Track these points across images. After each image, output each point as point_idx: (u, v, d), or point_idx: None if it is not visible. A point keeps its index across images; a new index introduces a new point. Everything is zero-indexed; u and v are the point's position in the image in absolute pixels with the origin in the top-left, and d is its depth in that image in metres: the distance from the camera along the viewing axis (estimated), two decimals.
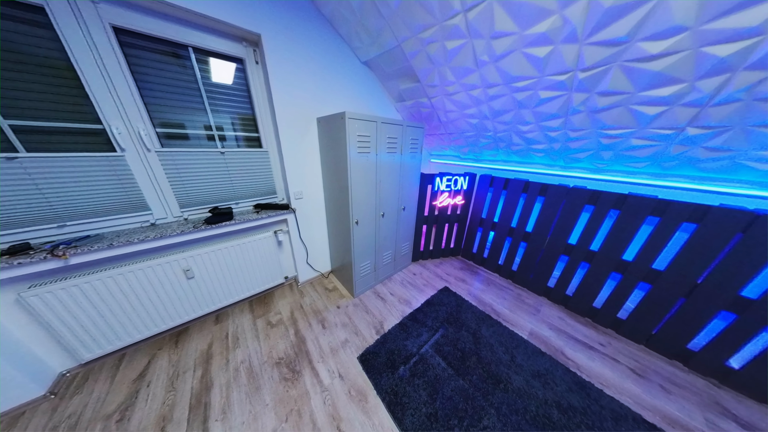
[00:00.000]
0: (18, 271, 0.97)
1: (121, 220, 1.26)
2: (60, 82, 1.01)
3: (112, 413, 1.11)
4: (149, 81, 1.20)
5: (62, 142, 1.07)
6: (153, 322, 1.37)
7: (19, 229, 1.04)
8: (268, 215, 1.65)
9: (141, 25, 1.11)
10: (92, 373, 1.29)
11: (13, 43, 0.93)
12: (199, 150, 1.42)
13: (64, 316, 1.10)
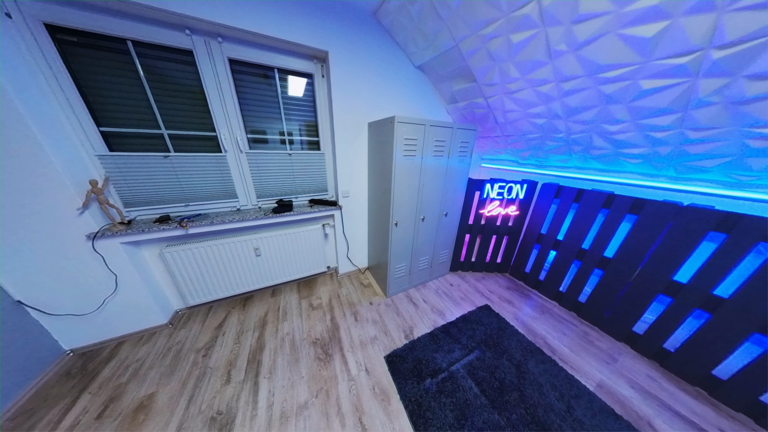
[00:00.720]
0: (161, 234, 1.36)
1: (218, 204, 1.62)
2: (195, 103, 1.37)
3: (200, 349, 1.42)
4: (246, 97, 1.49)
5: (193, 145, 1.47)
6: (231, 286, 1.74)
7: (163, 205, 1.46)
8: (319, 210, 1.82)
9: (246, 55, 1.41)
10: (192, 315, 1.68)
11: (171, 77, 1.32)
12: (274, 152, 1.72)
13: (182, 269, 1.50)
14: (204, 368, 1.32)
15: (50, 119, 1.13)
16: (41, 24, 1.03)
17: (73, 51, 1.11)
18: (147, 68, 1.27)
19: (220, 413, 1.11)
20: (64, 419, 1.06)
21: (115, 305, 1.40)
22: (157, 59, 1.26)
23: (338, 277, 2.19)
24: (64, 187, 1.16)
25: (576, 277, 1.74)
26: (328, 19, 1.42)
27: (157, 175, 1.39)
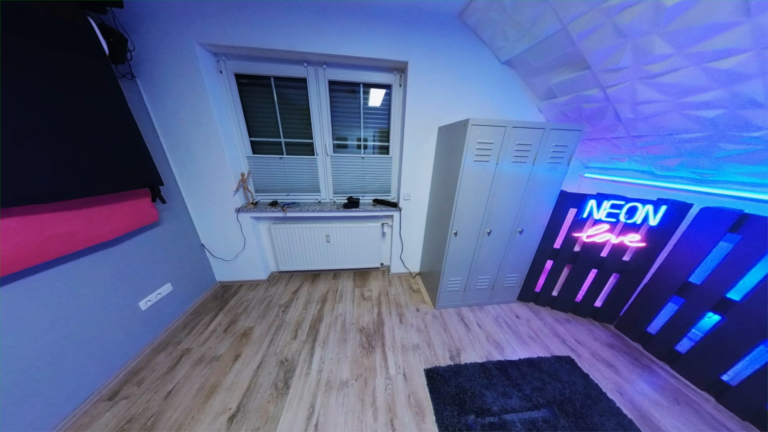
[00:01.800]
0: (271, 214, 1.87)
1: (307, 196, 2.00)
2: (302, 117, 1.76)
3: (282, 305, 1.78)
4: (336, 110, 1.78)
5: (297, 150, 1.92)
6: (307, 262, 2.15)
7: (275, 193, 1.96)
8: (381, 209, 1.90)
9: (341, 76, 1.68)
10: (280, 278, 2.13)
11: (291, 99, 1.80)
12: (351, 155, 1.96)
13: (279, 242, 1.98)
14: (282, 321, 1.64)
15: (228, 132, 1.72)
16: (233, 74, 1.56)
17: (244, 88, 1.66)
18: (279, 95, 1.73)
19: (286, 360, 1.34)
20: (210, 324, 1.60)
21: (241, 258, 2.00)
22: (285, 88, 1.70)
23: (389, 276, 2.21)
24: (228, 177, 1.73)
25: (764, 370, 1.01)
26: (411, 30, 1.44)
27: (274, 171, 1.86)
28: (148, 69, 1.36)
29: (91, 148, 1.01)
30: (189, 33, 1.32)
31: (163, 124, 1.53)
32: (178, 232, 1.66)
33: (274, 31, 1.36)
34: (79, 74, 0.97)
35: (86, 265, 1.11)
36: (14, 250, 0.83)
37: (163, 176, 1.44)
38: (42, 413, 0.95)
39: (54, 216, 0.93)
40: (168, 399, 1.14)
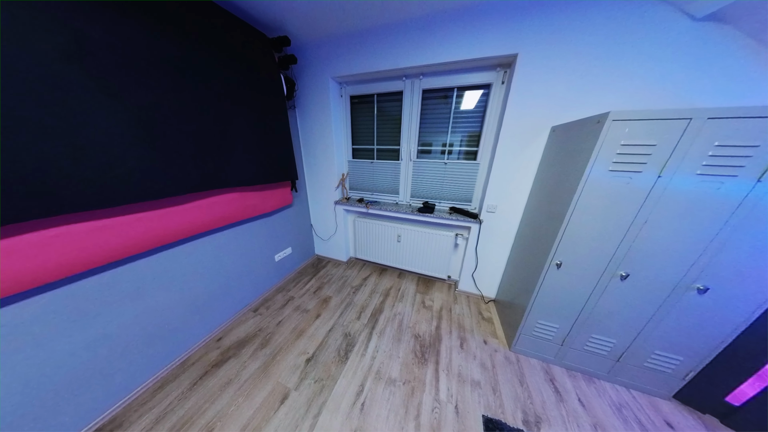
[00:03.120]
0: (357, 208, 2.16)
1: (386, 196, 2.16)
2: (394, 126, 1.92)
3: (353, 287, 2.04)
4: (426, 116, 1.80)
5: (385, 155, 2.10)
6: (378, 256, 2.35)
7: (362, 191, 2.28)
8: (457, 219, 1.72)
9: (435, 83, 1.71)
10: (355, 264, 2.44)
11: (386, 111, 1.99)
12: (434, 161, 1.92)
13: (359, 233, 2.31)
14: (350, 300, 1.86)
15: (339, 142, 2.18)
16: (349, 96, 1.93)
17: (354, 106, 2.04)
18: (379, 109, 1.99)
19: (349, 335, 1.51)
20: (306, 284, 2.13)
21: (332, 240, 2.53)
22: (384, 102, 1.93)
23: (455, 291, 1.98)
24: (334, 176, 2.18)
25: None
26: (526, 17, 1.21)
27: (365, 173, 2.16)
28: (301, 101, 1.95)
29: (270, 154, 1.60)
30: (326, 70, 1.76)
31: (304, 137, 2.15)
32: (299, 213, 2.28)
33: (383, 56, 1.56)
34: (271, 109, 1.55)
35: (255, 226, 1.75)
36: (232, 213, 1.45)
37: (298, 173, 2.02)
38: (231, 305, 1.72)
39: (251, 193, 1.55)
40: (278, 326, 1.59)
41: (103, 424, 1.00)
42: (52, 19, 0.71)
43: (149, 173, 0.93)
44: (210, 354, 1.38)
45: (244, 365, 1.32)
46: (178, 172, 1.02)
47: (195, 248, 1.32)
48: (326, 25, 1.50)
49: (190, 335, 1.38)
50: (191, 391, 1.18)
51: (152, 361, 1.20)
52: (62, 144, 0.76)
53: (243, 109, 1.32)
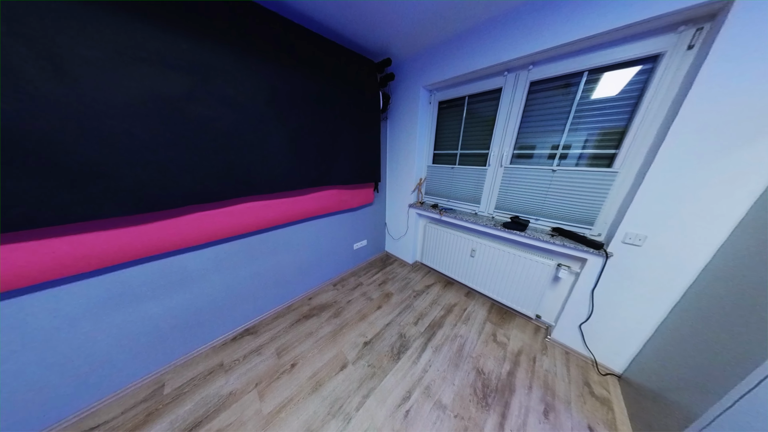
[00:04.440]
0: (429, 214, 2.13)
1: (464, 205, 1.94)
2: (484, 128, 1.69)
3: (414, 291, 2.05)
4: (531, 113, 1.48)
5: (468, 160, 1.92)
6: (445, 266, 2.18)
7: (437, 197, 2.21)
8: (564, 244, 1.26)
9: (551, 71, 1.35)
10: (420, 268, 2.42)
11: (477, 112, 1.80)
12: (533, 167, 1.52)
13: (428, 239, 2.26)
14: (410, 303, 1.85)
15: (421, 147, 2.21)
16: (437, 102, 1.92)
17: (441, 111, 2.00)
18: (468, 111, 1.82)
19: (404, 336, 1.51)
20: (374, 276, 2.38)
21: (402, 241, 2.62)
22: (475, 103, 1.76)
23: (546, 339, 1.47)
24: (412, 180, 2.24)
25: None
26: None
27: (443, 178, 2.07)
28: (392, 112, 2.15)
29: (363, 160, 1.89)
30: (419, 81, 1.83)
31: (390, 144, 2.35)
32: (377, 211, 2.54)
33: (483, 53, 1.43)
34: (368, 122, 1.83)
35: (343, 218, 2.12)
36: (330, 205, 1.86)
37: (381, 176, 2.26)
38: (319, 275, 2.17)
39: (345, 191, 1.92)
40: (347, 304, 1.85)
41: (246, 328, 1.55)
42: (263, 79, 1.18)
43: (292, 172, 1.36)
44: (303, 307, 1.83)
45: (321, 325, 1.63)
46: (305, 172, 1.43)
47: (304, 228, 1.79)
48: (425, 39, 1.55)
49: (295, 289, 1.88)
50: (290, 328, 1.62)
51: (274, 298, 1.74)
52: (258, 153, 1.26)
53: (349, 125, 1.63)
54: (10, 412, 0.87)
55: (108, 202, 0.82)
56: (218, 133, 1.04)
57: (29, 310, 0.85)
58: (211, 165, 1.05)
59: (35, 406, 0.94)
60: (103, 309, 1.00)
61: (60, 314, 0.91)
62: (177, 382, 1.22)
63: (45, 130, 0.69)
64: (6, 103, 0.63)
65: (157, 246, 1.02)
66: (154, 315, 1.16)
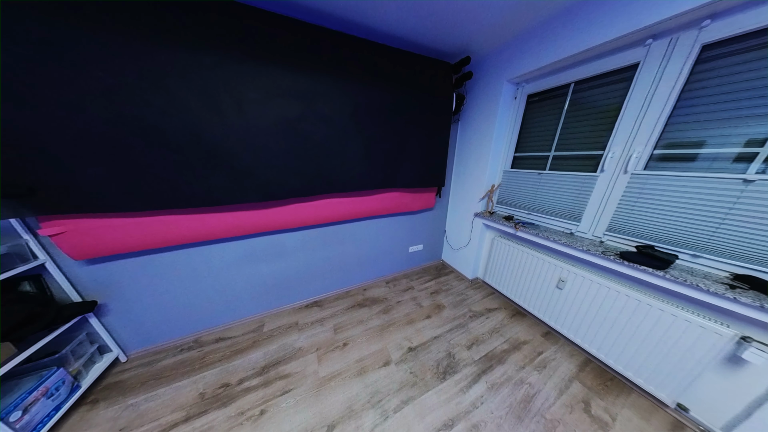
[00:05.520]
0: (501, 227, 1.82)
1: (554, 221, 1.51)
2: (597, 122, 1.25)
3: (471, 311, 1.85)
4: (697, 95, 0.96)
5: (567, 165, 1.49)
6: (516, 292, 1.81)
7: (514, 208, 1.83)
8: (753, 300, 0.73)
9: (742, 25, 0.81)
10: (480, 287, 2.13)
11: (589, 102, 1.33)
12: (697, 175, 0.97)
13: (496, 255, 1.94)
14: (465, 323, 1.65)
15: (497, 150, 1.91)
16: (526, 96, 1.61)
17: (530, 107, 1.66)
18: (573, 102, 1.40)
19: (453, 357, 1.37)
20: (426, 282, 2.29)
21: (461, 252, 2.37)
22: (585, 90, 1.33)
23: None
24: (481, 186, 1.99)
25: None
26: None
27: (524, 186, 1.72)
28: (466, 114, 2.00)
29: (428, 164, 1.86)
30: (502, 74, 1.60)
31: (459, 147, 2.20)
32: (437, 217, 2.43)
33: (604, 23, 1.09)
34: (438, 126, 1.78)
35: (402, 220, 2.17)
36: (392, 206, 1.95)
37: (445, 181, 2.12)
38: (375, 270, 2.33)
39: (407, 194, 1.96)
40: (397, 304, 1.89)
41: (315, 300, 1.85)
42: (349, 96, 1.32)
43: (363, 175, 1.49)
44: (358, 296, 2.01)
45: (371, 317, 1.74)
46: (374, 175, 1.54)
47: (367, 225, 1.97)
48: (514, 26, 1.35)
49: (354, 277, 2.10)
50: (346, 311, 1.82)
51: (337, 282, 2.00)
52: (340, 159, 1.49)
53: (418, 130, 1.65)
54: (188, 317, 1.49)
55: (252, 192, 1.20)
56: (315, 144, 1.30)
57: (210, 254, 1.38)
58: (307, 168, 1.33)
59: (204, 314, 1.57)
60: (241, 262, 1.49)
61: (223, 260, 1.43)
62: (270, 325, 1.64)
63: (228, 146, 1.08)
64: (213, 131, 1.03)
65: (270, 225, 1.41)
66: (264, 273, 1.60)
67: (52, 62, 0.76)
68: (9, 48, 0.75)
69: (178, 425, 1.03)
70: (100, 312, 1.22)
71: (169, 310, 1.39)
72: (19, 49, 0.75)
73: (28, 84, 0.75)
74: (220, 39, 0.94)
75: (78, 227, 1.00)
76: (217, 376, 1.29)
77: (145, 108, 0.90)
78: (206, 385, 1.25)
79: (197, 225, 1.27)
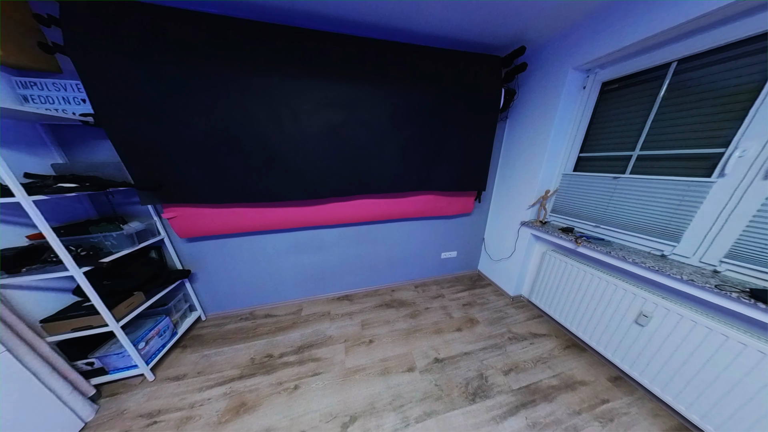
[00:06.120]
0: (556, 240, 1.53)
1: (637, 238, 1.19)
2: (715, 111, 0.91)
3: (511, 333, 1.64)
4: None
5: (660, 167, 1.14)
6: (573, 318, 1.50)
7: (575, 218, 1.50)
8: None
9: None
10: (525, 307, 1.88)
11: (703, 85, 0.97)
12: None
13: (547, 272, 1.65)
14: (502, 344, 1.48)
15: (555, 150, 1.62)
16: (599, 84, 1.34)
17: (605, 96, 1.35)
18: (672, 86, 1.08)
19: (485, 380, 1.25)
20: (458, 293, 2.12)
21: (502, 264, 2.11)
22: (697, 68, 1.01)
23: None
24: (532, 192, 1.72)
25: None
26: None
27: (591, 193, 1.41)
28: (516, 110, 1.79)
29: (467, 166, 1.74)
30: (566, 61, 1.36)
31: (506, 147, 1.97)
32: (475, 223, 2.24)
33: None
34: (481, 126, 1.64)
35: (435, 224, 2.09)
36: (425, 209, 1.89)
37: (488, 185, 1.90)
38: (404, 273, 2.29)
39: (442, 197, 1.88)
40: (425, 311, 1.86)
41: (346, 294, 1.96)
42: (388, 100, 1.33)
43: (398, 177, 1.50)
44: (385, 296, 2.03)
45: (398, 319, 1.73)
46: (409, 177, 1.52)
47: (399, 227, 1.97)
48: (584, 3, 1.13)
49: (383, 277, 2.13)
50: (374, 309, 1.87)
51: (367, 279, 2.05)
52: (376, 161, 1.54)
53: (458, 130, 1.57)
54: (246, 293, 1.77)
55: (300, 191, 1.36)
56: (354, 147, 1.38)
57: (265, 243, 1.65)
58: (346, 170, 1.42)
59: (258, 292, 1.87)
60: (288, 252, 1.71)
61: (274, 248, 1.67)
62: (307, 311, 1.82)
63: (284, 151, 1.25)
64: (275, 138, 1.21)
65: (312, 221, 1.57)
66: (306, 263, 1.79)
67: (176, 92, 1.04)
68: (154, 84, 1.05)
69: (234, 380, 1.26)
70: (191, 279, 1.58)
71: (235, 284, 1.70)
72: (160, 85, 1.05)
73: (162, 109, 1.03)
74: (284, 61, 1.10)
75: (184, 213, 1.33)
76: (264, 347, 1.50)
77: (230, 122, 1.14)
78: (256, 352, 1.47)
79: (258, 217, 1.51)
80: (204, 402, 1.14)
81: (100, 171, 1.10)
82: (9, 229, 0.98)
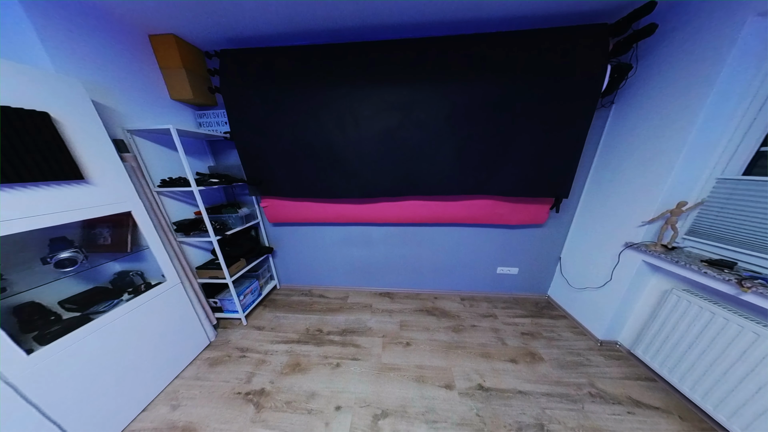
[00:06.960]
0: (697, 276, 1.05)
1: None
2: None
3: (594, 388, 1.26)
4: None
5: None
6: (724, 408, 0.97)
7: (740, 249, 0.96)
8: None
9: None
10: (623, 359, 1.39)
11: None
12: None
13: (669, 318, 1.16)
14: (578, 399, 1.16)
15: (703, 144, 1.09)
16: None
17: None
18: None
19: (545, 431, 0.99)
20: (517, 318, 1.82)
21: (587, 294, 1.61)
22: None
23: None
24: (650, 203, 1.22)
25: None
26: None
27: None
28: (629, 91, 1.31)
29: (542, 168, 1.41)
30: (748, 5, 0.88)
31: (607, 143, 1.48)
32: (548, 238, 1.81)
33: None
34: (569, 116, 1.28)
35: (493, 233, 1.84)
36: (480, 215, 1.69)
37: (572, 191, 1.44)
38: (450, 282, 2.12)
39: (503, 203, 1.62)
40: (471, 328, 1.68)
41: (387, 292, 2.00)
42: (446, 98, 1.26)
43: (451, 179, 1.39)
44: (427, 302, 1.95)
45: (438, 329, 1.64)
46: (463, 179, 1.39)
47: (448, 232, 1.84)
48: None
49: (426, 282, 2.06)
50: (414, 312, 1.84)
51: (409, 281, 2.02)
52: (429, 162, 1.48)
53: (531, 125, 1.30)
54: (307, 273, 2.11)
55: (356, 190, 1.49)
56: (407, 148, 1.38)
57: (324, 233, 1.88)
58: (397, 171, 1.44)
59: (316, 275, 2.18)
60: (341, 243, 1.91)
61: (331, 239, 1.90)
62: (353, 299, 1.99)
63: (345, 154, 1.39)
64: (339, 143, 1.36)
65: (363, 217, 1.67)
66: (354, 256, 1.96)
67: (275, 112, 1.34)
68: (263, 107, 1.41)
69: (293, 342, 1.54)
70: (273, 255, 2.02)
71: (300, 264, 2.05)
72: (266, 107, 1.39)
73: (266, 125, 1.34)
74: (353, 74, 1.23)
75: (272, 204, 1.72)
76: (317, 321, 1.76)
77: (306, 131, 1.35)
78: (310, 324, 1.74)
79: (321, 211, 1.77)
80: (273, 353, 1.41)
81: (230, 171, 1.62)
82: (185, 207, 1.48)
